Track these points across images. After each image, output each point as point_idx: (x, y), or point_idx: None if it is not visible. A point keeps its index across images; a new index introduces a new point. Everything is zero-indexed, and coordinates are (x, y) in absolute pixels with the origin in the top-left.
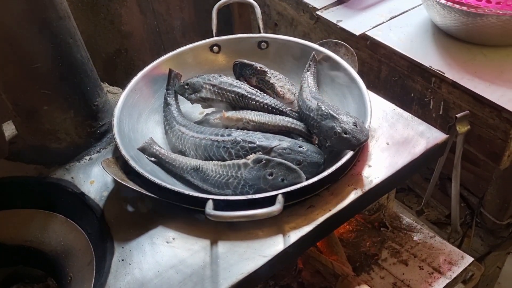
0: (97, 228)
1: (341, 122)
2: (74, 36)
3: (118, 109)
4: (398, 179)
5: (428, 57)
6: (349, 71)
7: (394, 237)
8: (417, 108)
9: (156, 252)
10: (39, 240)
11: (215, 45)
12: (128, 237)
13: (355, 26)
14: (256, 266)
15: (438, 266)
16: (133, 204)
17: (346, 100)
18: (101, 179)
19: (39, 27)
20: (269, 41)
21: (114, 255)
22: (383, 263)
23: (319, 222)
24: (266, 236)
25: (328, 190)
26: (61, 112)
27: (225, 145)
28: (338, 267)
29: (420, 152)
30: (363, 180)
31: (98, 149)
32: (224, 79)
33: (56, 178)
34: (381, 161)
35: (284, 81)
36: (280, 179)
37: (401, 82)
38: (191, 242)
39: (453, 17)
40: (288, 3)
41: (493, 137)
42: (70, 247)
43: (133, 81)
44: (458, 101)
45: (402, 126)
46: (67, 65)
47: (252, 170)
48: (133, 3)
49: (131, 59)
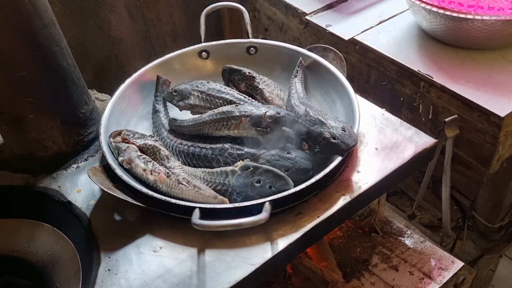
0: (84, 238)
1: (330, 127)
2: (59, 44)
3: (105, 117)
4: (388, 184)
5: (416, 61)
6: (337, 76)
7: (384, 243)
8: (407, 113)
9: (143, 261)
10: (26, 250)
11: (204, 51)
12: (115, 246)
13: (344, 31)
14: (244, 274)
15: (429, 271)
16: (120, 213)
17: (335, 105)
18: (88, 187)
19: (23, 35)
20: (257, 46)
21: (101, 265)
22: (374, 269)
23: (307, 229)
24: (254, 244)
25: (317, 196)
26: (48, 120)
27: (213, 152)
28: (327, 274)
29: (409, 157)
30: (352, 186)
31: (86, 157)
32: (212, 85)
33: (43, 187)
34: (370, 167)
35: (273, 86)
36: (268, 186)
37: (390, 86)
38: (179, 250)
39: (439, 22)
40: (278, 8)
41: (482, 141)
42: (57, 256)
43: (120, 88)
44: (447, 105)
45: (391, 131)
46: (53, 73)
47: (240, 177)
48: (123, 8)
49: (122, 65)
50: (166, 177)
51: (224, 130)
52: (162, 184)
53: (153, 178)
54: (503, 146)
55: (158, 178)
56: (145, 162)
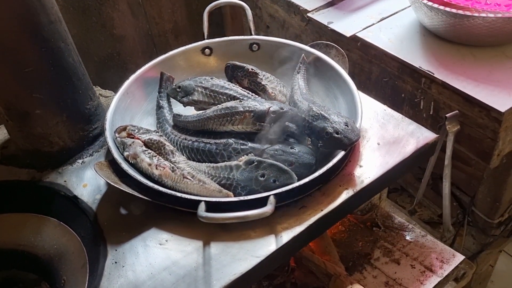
0: (90, 231)
1: (333, 122)
2: (65, 40)
3: (111, 112)
4: (389, 178)
5: (418, 58)
6: (340, 72)
7: (386, 237)
8: (408, 109)
9: (149, 254)
10: (33, 244)
11: (207, 48)
12: (121, 239)
13: (346, 28)
14: (249, 266)
15: (430, 264)
16: (126, 207)
17: (337, 101)
18: (94, 182)
19: (30, 31)
20: (260, 43)
21: (107, 258)
22: (376, 262)
23: (311, 222)
24: (259, 237)
25: (320, 190)
26: (54, 115)
27: (217, 147)
28: (330, 267)
29: (411, 151)
30: (354, 180)
31: (91, 152)
32: (216, 81)
33: (49, 181)
34: (372, 161)
35: (276, 82)
36: (272, 180)
37: (391, 82)
38: (184, 243)
39: (441, 19)
40: (280, 6)
41: (483, 136)
42: (64, 250)
43: (125, 85)
44: (448, 101)
45: (393, 126)
46: (59, 69)
47: (244, 172)
48: (125, 6)
49: (124, 63)
50: (171, 171)
51: (228, 125)
52: (167, 178)
53: (158, 172)
54: (503, 141)
55: (163, 173)
56: (150, 157)
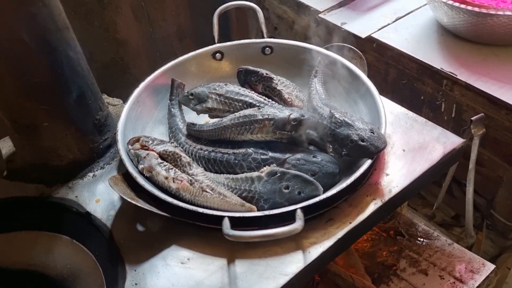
0: (106, 250)
1: (357, 130)
2: (74, 48)
3: (122, 123)
4: (417, 187)
5: (437, 58)
6: (359, 75)
7: (411, 246)
8: (428, 111)
9: (171, 274)
10: (44, 263)
11: (218, 52)
12: (140, 258)
13: (360, 29)
14: (278, 285)
15: (460, 275)
16: (143, 223)
17: (357, 105)
18: (107, 197)
19: (37, 39)
20: (273, 46)
21: (127, 279)
22: (402, 274)
23: (339, 236)
24: (285, 253)
25: (346, 201)
26: (62, 128)
27: (236, 157)
28: (358, 281)
29: (438, 158)
30: (382, 189)
31: (102, 165)
32: (230, 87)
33: (59, 197)
34: (399, 169)
35: (292, 87)
36: (297, 192)
37: (410, 85)
38: (207, 262)
39: (462, 18)
40: (289, 6)
41: (510, 140)
42: (78, 270)
43: (135, 93)
44: (472, 104)
45: (417, 131)
46: (68, 79)
47: (267, 184)
48: (128, 10)
49: (127, 67)
50: (189, 184)
51: (247, 134)
52: (185, 192)
53: (175, 186)
54: None
55: (181, 186)
56: (167, 170)
